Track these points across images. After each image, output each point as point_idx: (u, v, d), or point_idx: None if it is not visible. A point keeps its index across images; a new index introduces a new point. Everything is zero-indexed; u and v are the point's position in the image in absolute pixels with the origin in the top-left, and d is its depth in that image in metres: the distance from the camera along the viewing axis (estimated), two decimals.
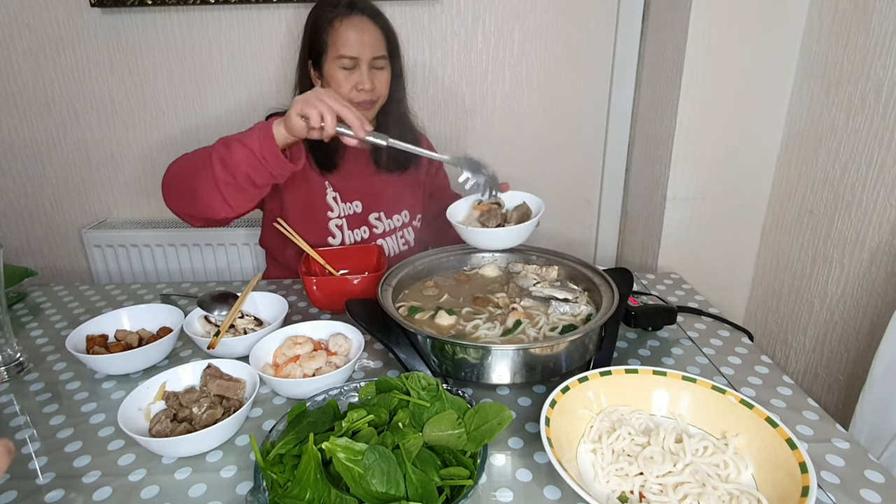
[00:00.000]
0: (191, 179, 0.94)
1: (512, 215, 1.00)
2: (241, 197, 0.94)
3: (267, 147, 0.89)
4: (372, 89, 1.11)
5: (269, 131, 0.89)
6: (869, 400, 0.90)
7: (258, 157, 0.89)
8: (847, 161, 1.12)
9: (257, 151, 0.89)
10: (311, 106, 0.87)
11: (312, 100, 0.87)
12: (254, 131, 0.90)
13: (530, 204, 1.02)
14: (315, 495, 0.53)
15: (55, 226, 1.75)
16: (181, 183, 0.97)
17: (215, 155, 0.90)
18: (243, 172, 0.90)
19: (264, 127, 0.90)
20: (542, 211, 0.98)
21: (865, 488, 0.61)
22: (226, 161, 0.90)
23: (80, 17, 1.50)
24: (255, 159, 0.89)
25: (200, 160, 0.93)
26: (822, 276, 1.20)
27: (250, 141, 0.89)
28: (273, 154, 0.90)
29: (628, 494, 0.58)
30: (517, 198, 1.03)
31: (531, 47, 1.55)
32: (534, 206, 1.01)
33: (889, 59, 1.02)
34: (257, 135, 0.89)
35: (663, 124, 1.35)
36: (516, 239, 0.98)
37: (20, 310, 1.08)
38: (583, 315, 0.85)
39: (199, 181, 0.92)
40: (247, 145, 0.89)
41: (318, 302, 1.02)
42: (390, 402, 0.65)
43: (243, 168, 0.90)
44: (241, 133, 0.92)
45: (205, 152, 0.93)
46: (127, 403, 0.69)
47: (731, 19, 1.20)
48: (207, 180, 0.91)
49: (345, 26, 1.08)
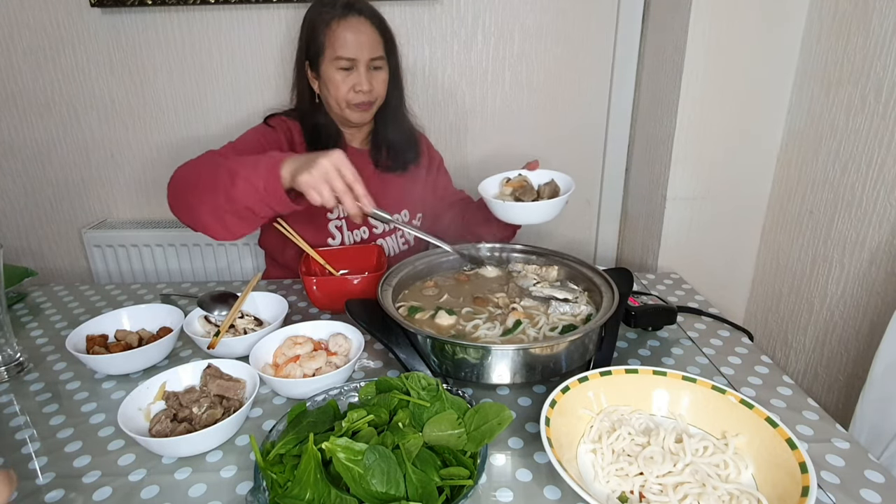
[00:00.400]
0: (193, 198, 0.92)
1: (544, 190, 1.02)
2: (241, 224, 0.91)
3: (272, 188, 0.85)
4: (370, 90, 1.11)
5: (277, 172, 0.85)
6: (869, 400, 0.90)
7: (262, 196, 0.86)
8: (847, 161, 1.12)
9: (261, 190, 0.85)
10: (325, 187, 0.83)
11: (331, 178, 0.84)
12: (260, 168, 0.86)
13: (559, 181, 1.05)
14: (315, 495, 0.53)
15: (55, 226, 1.75)
16: (184, 197, 0.95)
17: (221, 184, 0.87)
18: (245, 206, 0.87)
19: (272, 167, 0.86)
20: (573, 188, 1.01)
21: (865, 488, 0.61)
22: (229, 193, 0.86)
23: (80, 17, 1.50)
24: (259, 198, 0.86)
25: (205, 181, 0.90)
26: (822, 276, 1.20)
27: (256, 179, 0.85)
28: (277, 195, 0.86)
29: (628, 494, 0.58)
30: (545, 176, 1.06)
31: (531, 47, 1.55)
32: (563, 183, 1.04)
33: (889, 59, 1.02)
34: (263, 174, 0.85)
35: (663, 124, 1.35)
36: (550, 213, 0.99)
37: (20, 310, 1.08)
38: (583, 315, 0.85)
39: (200, 202, 0.90)
40: (252, 183, 0.85)
41: (318, 302, 1.02)
42: (390, 402, 0.65)
43: (246, 202, 0.87)
44: (249, 165, 0.87)
45: (210, 175, 0.90)
46: (127, 403, 0.69)
47: (731, 19, 1.20)
48: (209, 204, 0.89)
49: (342, 27, 1.07)
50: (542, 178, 1.07)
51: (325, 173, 0.83)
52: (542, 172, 1.07)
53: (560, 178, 1.05)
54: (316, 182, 0.83)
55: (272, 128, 1.15)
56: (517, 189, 1.03)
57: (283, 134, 1.15)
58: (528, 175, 1.07)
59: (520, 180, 1.06)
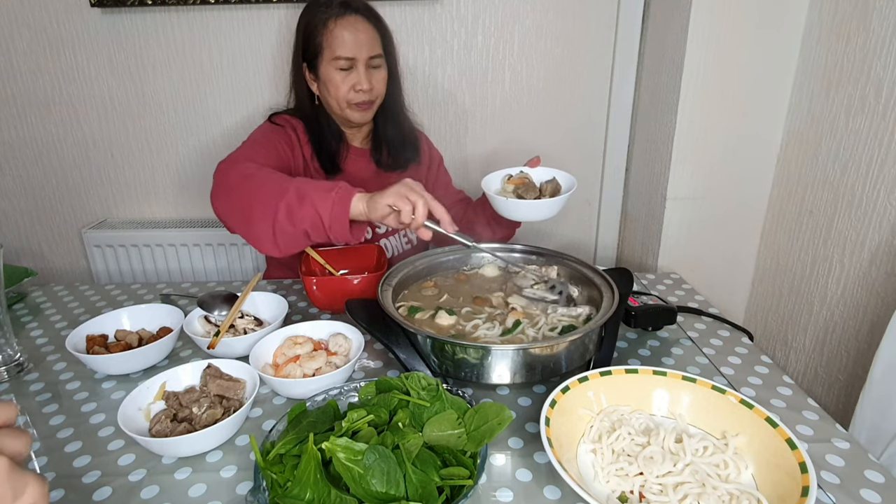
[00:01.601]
0: (251, 207, 0.89)
1: (546, 188, 1.03)
2: (292, 244, 0.90)
3: (337, 220, 0.84)
4: (370, 89, 1.11)
5: (347, 204, 0.84)
6: (869, 400, 0.90)
7: (325, 225, 0.85)
8: (847, 161, 1.12)
9: (326, 220, 0.84)
10: (403, 200, 0.82)
11: (405, 192, 0.83)
12: (330, 197, 0.84)
13: (561, 179, 1.05)
14: (315, 495, 0.53)
15: (55, 226, 1.75)
16: (239, 203, 0.92)
17: (284, 202, 0.85)
18: (303, 229, 0.86)
19: (342, 198, 0.84)
20: (575, 187, 1.01)
21: (865, 488, 0.61)
22: (292, 213, 0.85)
23: (80, 17, 1.50)
24: (321, 225, 0.85)
25: (267, 194, 0.88)
26: (822, 276, 1.20)
27: (323, 206, 0.84)
28: (340, 227, 0.85)
29: (628, 494, 0.58)
30: (547, 173, 1.06)
31: (531, 47, 1.55)
32: (565, 182, 1.04)
33: (889, 59, 1.02)
34: (331, 204, 0.84)
35: (663, 124, 1.35)
36: (552, 211, 0.99)
37: (20, 310, 1.08)
38: (582, 316, 0.85)
39: (258, 214, 0.88)
40: (318, 210, 0.84)
41: (318, 302, 1.02)
42: (390, 402, 0.65)
43: (305, 226, 0.86)
44: (319, 190, 0.86)
45: (274, 189, 0.88)
46: (127, 403, 0.69)
47: (731, 19, 1.20)
48: (266, 219, 0.87)
49: (339, 27, 1.07)
50: (543, 176, 1.07)
51: (408, 187, 0.83)
52: (544, 170, 1.07)
53: (562, 177, 1.05)
54: (405, 193, 0.82)
55: (280, 126, 1.15)
56: (519, 186, 1.03)
57: (290, 131, 1.15)
58: (529, 172, 1.07)
59: (521, 177, 1.06)
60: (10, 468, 0.36)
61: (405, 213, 0.82)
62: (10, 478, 0.36)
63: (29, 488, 0.37)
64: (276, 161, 1.07)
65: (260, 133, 1.13)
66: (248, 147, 1.07)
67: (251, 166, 0.96)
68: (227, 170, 0.96)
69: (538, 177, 1.07)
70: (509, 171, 1.08)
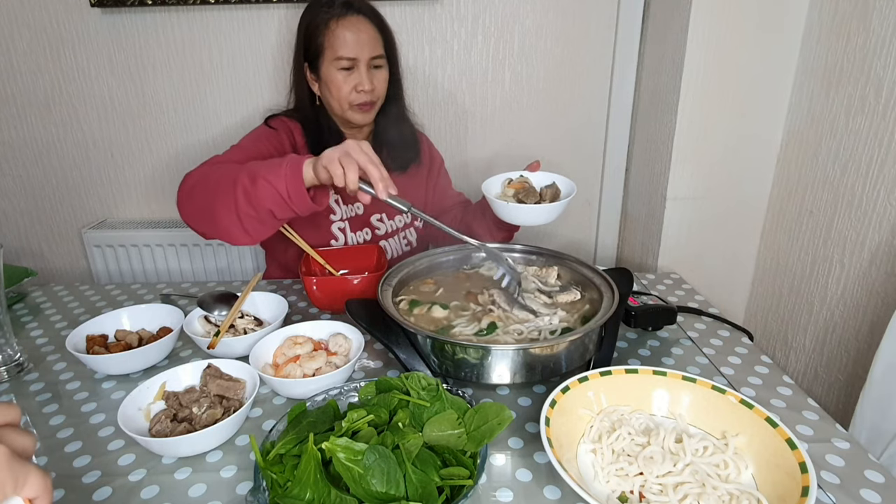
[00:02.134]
0: (211, 203, 0.90)
1: (546, 193, 1.03)
2: (261, 228, 0.91)
3: (294, 189, 0.85)
4: (372, 89, 1.11)
5: (299, 173, 0.85)
6: (869, 400, 0.90)
7: (284, 198, 0.85)
8: (847, 161, 1.12)
9: (283, 192, 0.85)
10: (334, 163, 0.82)
11: (338, 156, 0.82)
12: (281, 170, 0.85)
13: (560, 185, 1.05)
14: (315, 495, 0.53)
15: (55, 226, 1.75)
16: (200, 203, 0.93)
17: (240, 187, 0.86)
18: (266, 208, 0.86)
19: (293, 167, 0.85)
20: (575, 192, 1.01)
21: (865, 488, 0.61)
22: (250, 195, 0.86)
23: (80, 17, 1.50)
24: (281, 199, 0.85)
25: (223, 186, 0.89)
26: (822, 276, 1.20)
27: (277, 181, 0.85)
28: (299, 195, 0.85)
29: (628, 494, 0.58)
30: (546, 178, 1.06)
31: (531, 47, 1.55)
32: (564, 187, 1.05)
33: (889, 59, 1.02)
34: (284, 175, 0.85)
35: (663, 124, 1.35)
36: (552, 216, 0.99)
37: (20, 310, 1.08)
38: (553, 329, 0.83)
39: (219, 207, 0.89)
40: (273, 185, 0.85)
41: (318, 302, 1.02)
42: (390, 402, 0.65)
43: (267, 205, 0.86)
44: (268, 167, 0.86)
45: (228, 178, 0.89)
46: (127, 403, 0.69)
47: (731, 19, 1.20)
48: (228, 208, 0.87)
49: (341, 27, 1.07)
50: (543, 180, 1.07)
51: (349, 148, 0.83)
52: (544, 174, 1.07)
53: (561, 182, 1.06)
54: (340, 156, 0.82)
55: (274, 129, 1.14)
56: (520, 190, 1.03)
57: (284, 135, 1.14)
58: (529, 176, 1.07)
59: (522, 182, 1.06)
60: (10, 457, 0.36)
61: (337, 176, 0.82)
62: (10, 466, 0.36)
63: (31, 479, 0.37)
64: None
65: (249, 136, 1.13)
66: (232, 150, 1.07)
67: (203, 168, 0.97)
68: (185, 179, 0.98)
69: (538, 181, 1.07)
70: (509, 174, 1.08)
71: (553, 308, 0.87)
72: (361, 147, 0.84)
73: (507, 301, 0.88)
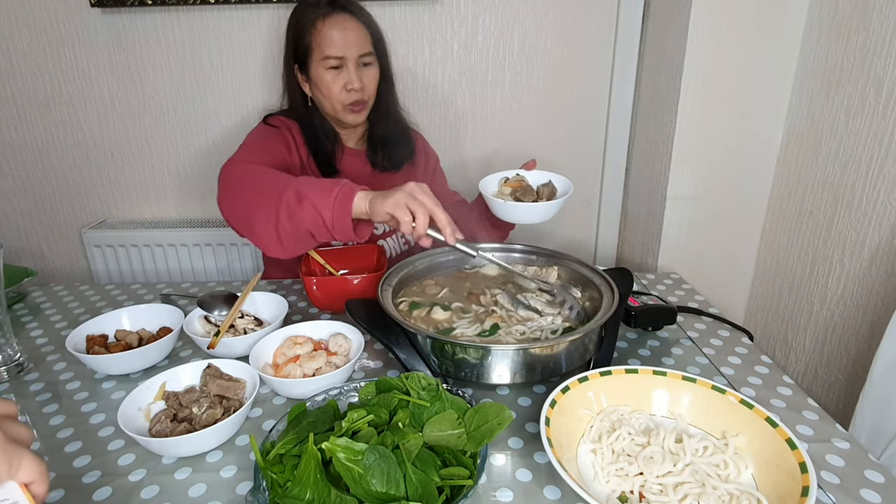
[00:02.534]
0: (252, 208, 0.88)
1: (543, 191, 1.03)
2: (297, 245, 0.89)
3: (339, 220, 0.82)
4: (362, 88, 1.10)
5: (349, 205, 0.82)
6: (869, 400, 0.90)
7: (327, 226, 0.83)
8: (847, 161, 1.12)
9: (328, 220, 0.82)
10: (403, 210, 0.79)
11: (405, 202, 0.80)
12: (331, 197, 0.82)
13: (557, 183, 1.05)
14: (315, 495, 0.53)
15: (55, 226, 1.75)
16: (242, 204, 0.91)
17: (284, 202, 0.84)
18: (306, 230, 0.85)
19: (344, 198, 0.82)
20: (572, 190, 1.01)
21: (865, 488, 0.61)
22: (293, 213, 0.84)
23: (80, 17, 1.50)
24: (323, 225, 0.83)
25: (268, 195, 0.86)
26: (822, 276, 1.20)
27: (323, 207, 0.82)
28: (343, 227, 0.83)
29: (628, 494, 0.58)
30: (543, 177, 1.06)
31: (531, 47, 1.55)
32: (561, 185, 1.05)
33: (889, 59, 1.02)
34: (332, 204, 0.82)
35: (663, 124, 1.35)
36: (548, 214, 0.99)
37: (20, 310, 1.08)
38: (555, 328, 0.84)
39: (259, 215, 0.87)
40: (318, 210, 0.82)
41: (318, 302, 1.02)
42: (390, 402, 0.65)
43: (307, 227, 0.84)
44: (318, 189, 0.83)
45: (275, 189, 0.86)
46: (127, 403, 0.69)
47: (731, 19, 1.20)
48: (269, 220, 0.85)
49: (327, 26, 1.06)
50: (540, 179, 1.07)
51: (412, 194, 0.81)
52: (540, 173, 1.08)
53: (558, 180, 1.06)
54: (407, 201, 0.80)
55: (275, 127, 1.14)
56: (517, 189, 1.03)
57: (286, 132, 1.15)
58: (526, 175, 1.07)
59: (518, 180, 1.06)
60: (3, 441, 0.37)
61: (404, 223, 0.80)
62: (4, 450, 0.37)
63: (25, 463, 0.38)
64: (276, 162, 1.07)
65: (256, 135, 1.13)
66: (246, 149, 1.06)
67: (250, 167, 0.95)
68: (228, 172, 0.96)
69: (534, 180, 1.07)
70: (506, 173, 1.09)
71: (556, 307, 0.87)
72: (424, 190, 0.82)
73: (511, 301, 0.88)
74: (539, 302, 0.88)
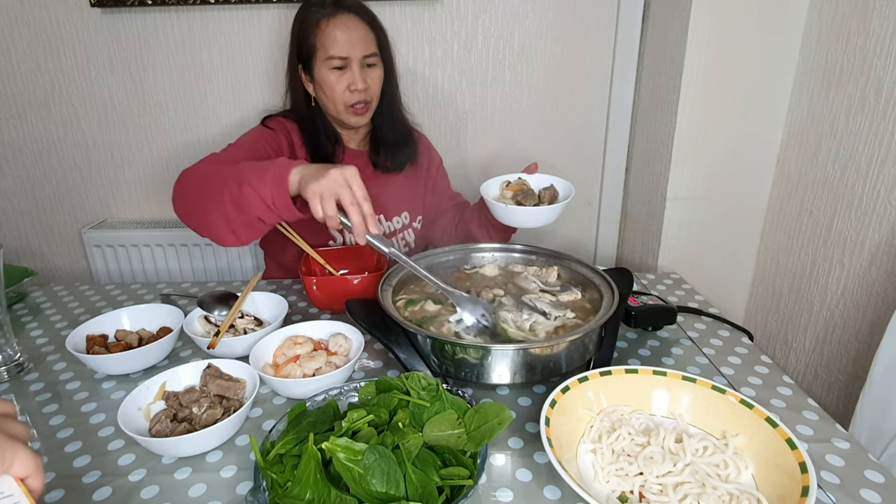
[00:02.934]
0: (202, 205, 0.89)
1: (544, 195, 1.03)
2: (249, 232, 0.89)
3: (279, 198, 0.82)
4: (365, 88, 1.10)
5: (285, 181, 0.82)
6: (869, 400, 0.90)
7: (269, 206, 0.83)
8: (847, 161, 1.12)
9: (268, 200, 0.83)
10: (315, 199, 0.79)
11: (320, 191, 0.79)
12: (268, 177, 0.83)
13: (558, 187, 1.06)
14: (315, 495, 0.53)
15: (55, 226, 1.75)
16: (192, 203, 0.92)
17: (227, 191, 0.84)
18: (253, 215, 0.85)
19: (279, 175, 0.83)
20: (573, 193, 1.02)
21: (865, 488, 0.61)
22: (237, 202, 0.84)
23: (80, 17, 1.50)
24: (266, 207, 0.83)
25: (213, 188, 0.87)
26: (822, 276, 1.20)
27: (262, 189, 0.82)
28: (284, 204, 0.83)
29: (628, 494, 0.58)
30: (545, 180, 1.07)
31: (531, 47, 1.55)
32: (562, 189, 1.05)
33: (889, 59, 1.02)
34: (270, 183, 0.82)
35: (663, 124, 1.35)
36: (550, 218, 1.00)
37: (20, 310, 1.08)
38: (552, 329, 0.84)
39: (209, 210, 0.87)
40: (259, 193, 0.82)
41: (318, 302, 1.02)
42: (390, 402, 0.65)
43: (253, 212, 0.84)
44: (256, 173, 0.84)
45: (218, 180, 0.87)
46: (127, 403, 0.69)
47: (731, 19, 1.20)
48: (217, 212, 0.86)
49: (332, 26, 1.06)
50: (541, 182, 1.07)
51: (334, 184, 0.79)
52: (542, 176, 1.08)
53: (559, 184, 1.06)
54: (323, 191, 0.79)
55: (271, 129, 1.14)
56: (518, 193, 1.04)
57: (282, 135, 1.14)
58: (527, 179, 1.08)
59: (520, 184, 1.06)
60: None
61: (315, 212, 0.80)
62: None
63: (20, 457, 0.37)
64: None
65: (245, 137, 1.12)
66: (226, 150, 1.06)
67: (197, 168, 0.95)
68: (180, 176, 0.96)
69: (536, 183, 1.07)
70: (507, 177, 1.09)
71: (562, 308, 0.87)
72: (348, 180, 0.81)
73: (516, 305, 0.87)
74: (544, 303, 0.88)
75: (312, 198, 0.80)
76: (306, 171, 0.82)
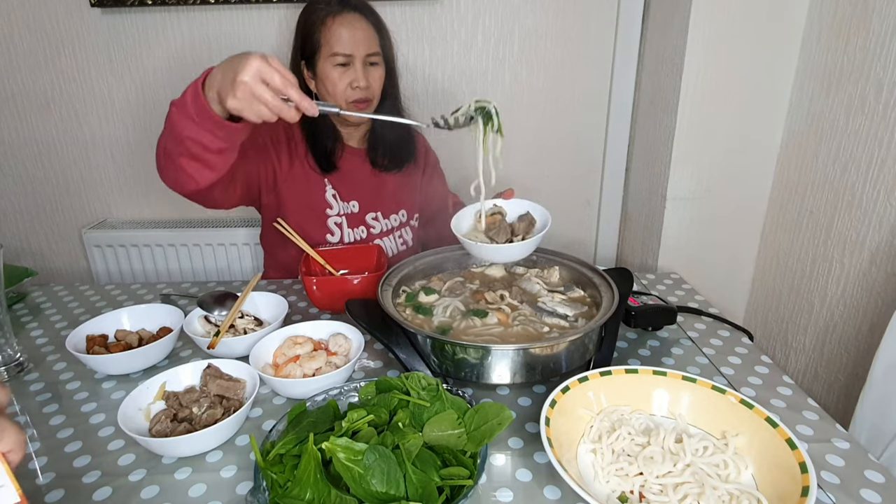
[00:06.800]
0: (159, 156, 0.89)
1: (519, 227, 0.96)
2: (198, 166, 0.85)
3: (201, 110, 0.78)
4: (367, 87, 1.11)
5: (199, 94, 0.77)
6: (869, 400, 0.90)
7: (198, 123, 0.79)
8: (847, 161, 1.12)
9: (193, 115, 0.79)
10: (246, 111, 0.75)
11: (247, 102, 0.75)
12: (187, 93, 0.79)
13: (535, 214, 0.97)
14: (315, 495, 0.53)
15: (55, 226, 1.75)
16: (158, 160, 0.91)
17: (167, 125, 0.83)
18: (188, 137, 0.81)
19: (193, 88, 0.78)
20: (550, 224, 0.94)
21: (865, 488, 0.61)
22: (173, 128, 0.81)
23: (80, 17, 1.50)
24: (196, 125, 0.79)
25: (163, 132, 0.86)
26: (822, 276, 1.20)
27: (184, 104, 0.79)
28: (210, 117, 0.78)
29: (628, 494, 0.58)
30: (521, 206, 0.99)
31: (531, 47, 1.55)
32: (540, 218, 0.96)
33: (889, 59, 1.02)
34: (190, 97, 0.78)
35: (663, 124, 1.35)
36: (523, 253, 0.93)
37: (20, 310, 1.08)
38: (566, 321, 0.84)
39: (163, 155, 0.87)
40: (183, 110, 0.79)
41: (318, 302, 1.02)
42: (390, 402, 0.65)
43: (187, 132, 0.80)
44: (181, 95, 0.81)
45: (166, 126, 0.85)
46: (127, 403, 0.69)
47: (731, 19, 1.20)
48: (168, 152, 0.85)
49: (337, 24, 1.07)
50: (517, 209, 0.99)
51: (251, 91, 0.74)
52: (518, 202, 1.00)
53: (536, 211, 0.98)
54: (246, 104, 0.75)
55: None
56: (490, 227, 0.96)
57: (281, 127, 1.15)
58: (503, 205, 0.99)
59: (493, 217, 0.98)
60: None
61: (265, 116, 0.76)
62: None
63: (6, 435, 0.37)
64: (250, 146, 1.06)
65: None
66: None
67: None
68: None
69: (512, 210, 0.99)
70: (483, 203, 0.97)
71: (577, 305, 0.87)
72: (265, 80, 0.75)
73: (535, 311, 0.86)
74: (557, 304, 0.87)
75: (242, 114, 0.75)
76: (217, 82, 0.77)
